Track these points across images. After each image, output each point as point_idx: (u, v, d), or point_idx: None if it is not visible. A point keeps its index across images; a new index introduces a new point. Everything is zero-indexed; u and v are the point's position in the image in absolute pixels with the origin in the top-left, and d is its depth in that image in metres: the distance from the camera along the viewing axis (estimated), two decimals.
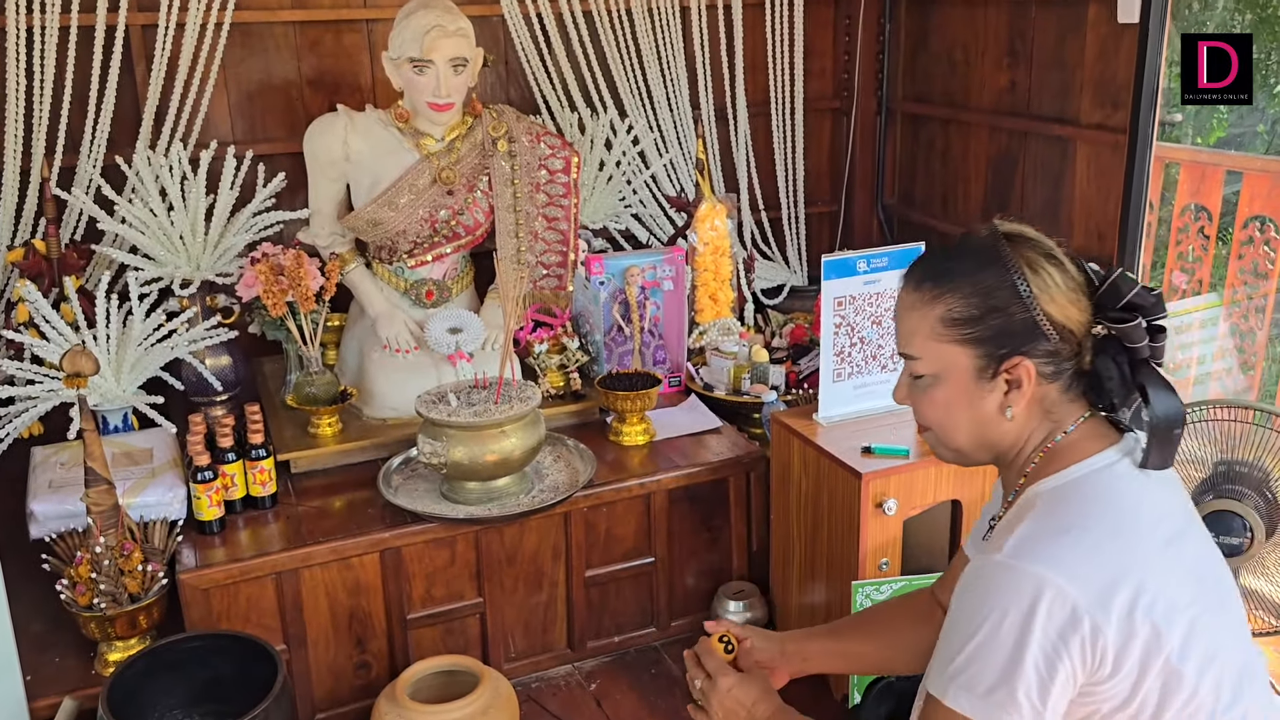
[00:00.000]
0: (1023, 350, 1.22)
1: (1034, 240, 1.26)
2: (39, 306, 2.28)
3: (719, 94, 3.26)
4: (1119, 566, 1.12)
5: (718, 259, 2.90)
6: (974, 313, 1.23)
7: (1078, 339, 1.24)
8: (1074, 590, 1.11)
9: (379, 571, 2.10)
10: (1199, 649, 1.15)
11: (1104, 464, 1.22)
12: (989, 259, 1.23)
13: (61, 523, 2.05)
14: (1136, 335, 1.20)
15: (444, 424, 2.09)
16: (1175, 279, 3.66)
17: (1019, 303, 1.21)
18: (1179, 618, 1.14)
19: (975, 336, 1.23)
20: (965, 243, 1.28)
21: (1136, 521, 1.17)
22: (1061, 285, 1.22)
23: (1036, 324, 1.21)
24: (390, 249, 2.50)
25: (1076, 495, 1.20)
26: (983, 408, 1.26)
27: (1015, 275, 1.21)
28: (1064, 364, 1.24)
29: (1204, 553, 1.24)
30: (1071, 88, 2.88)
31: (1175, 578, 1.15)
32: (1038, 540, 1.15)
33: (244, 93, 2.82)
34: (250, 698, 1.70)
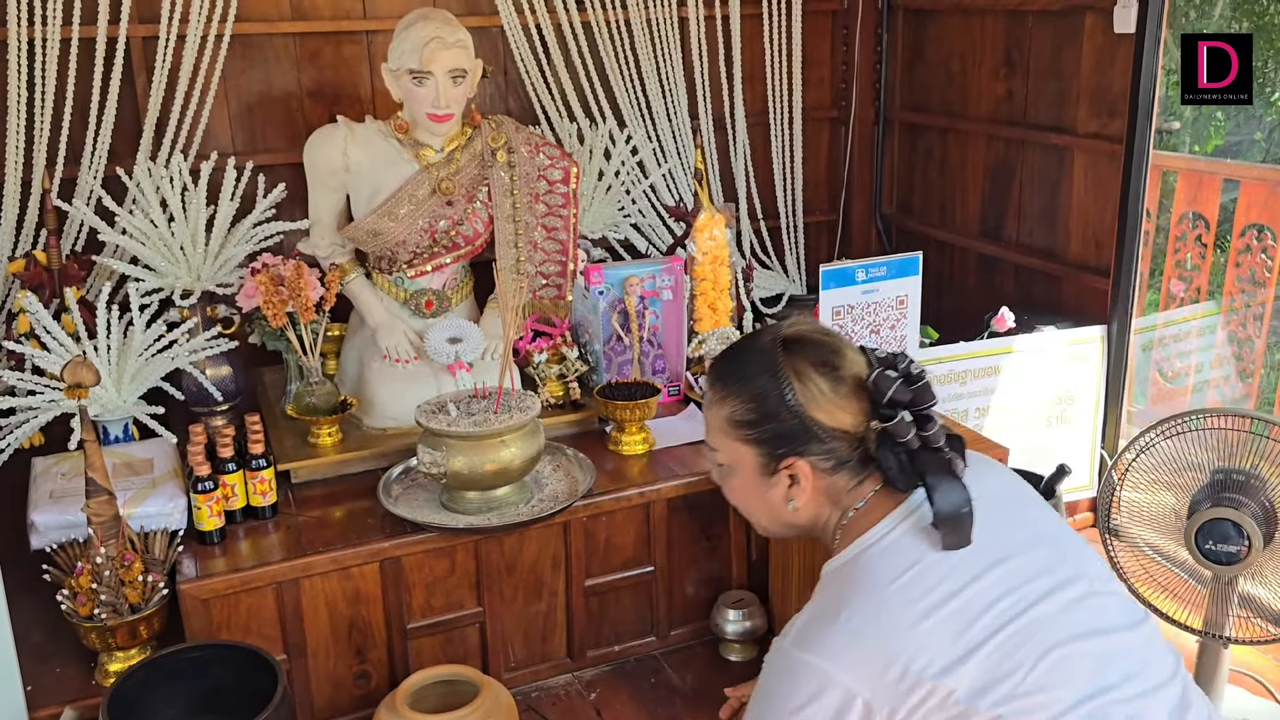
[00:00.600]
0: (797, 451, 1.33)
1: (815, 344, 1.34)
2: (40, 317, 2.29)
3: (717, 104, 3.28)
4: (884, 644, 1.20)
5: (716, 268, 2.90)
6: (751, 417, 1.34)
7: (856, 435, 1.33)
8: (836, 673, 1.19)
9: (379, 581, 2.10)
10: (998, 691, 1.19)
11: (878, 536, 1.29)
12: (764, 367, 1.33)
13: (62, 533, 2.06)
14: (901, 431, 1.28)
15: (444, 434, 2.09)
16: (1173, 287, 3.67)
17: (788, 410, 1.31)
18: (961, 667, 1.19)
19: (754, 438, 1.35)
20: (748, 346, 1.39)
21: (903, 593, 1.23)
22: (829, 393, 1.31)
23: (807, 428, 1.31)
24: (390, 259, 2.51)
25: (848, 577, 1.27)
26: (770, 498, 1.37)
27: (784, 385, 1.31)
28: (845, 457, 1.33)
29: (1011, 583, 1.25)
30: (1068, 97, 2.90)
31: (944, 635, 1.20)
32: (811, 628, 1.24)
33: (244, 104, 2.84)
34: (251, 708, 1.70)
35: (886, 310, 2.26)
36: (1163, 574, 2.29)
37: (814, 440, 1.32)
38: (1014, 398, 2.77)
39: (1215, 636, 2.18)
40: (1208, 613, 2.18)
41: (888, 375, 1.29)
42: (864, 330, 2.24)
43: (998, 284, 3.22)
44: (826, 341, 1.36)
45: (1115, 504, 2.31)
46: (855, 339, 2.24)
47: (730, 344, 1.45)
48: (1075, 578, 1.30)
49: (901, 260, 2.27)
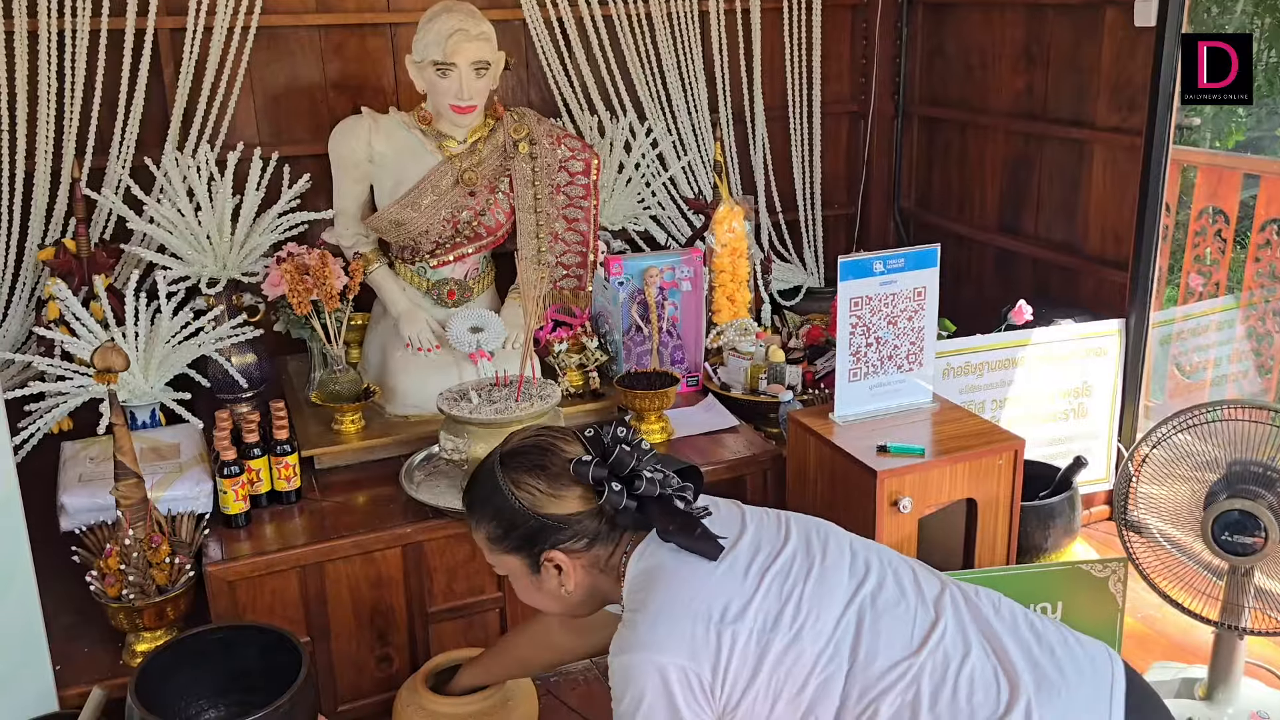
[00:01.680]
0: (549, 545, 1.45)
1: (526, 452, 1.49)
2: (69, 304, 2.32)
3: (737, 97, 3.29)
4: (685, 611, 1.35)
5: (735, 260, 2.92)
6: (499, 532, 1.47)
7: (592, 512, 1.45)
8: (658, 656, 1.32)
9: (401, 566, 2.13)
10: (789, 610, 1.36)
11: (642, 552, 1.44)
12: (491, 487, 1.47)
13: (91, 516, 2.10)
14: (614, 501, 1.42)
15: (465, 421, 2.12)
16: (1192, 282, 3.66)
17: (521, 515, 1.45)
18: (751, 605, 1.36)
19: (511, 547, 1.48)
20: (478, 474, 1.53)
21: (686, 570, 1.39)
22: (546, 489, 1.45)
23: (545, 525, 1.45)
24: (413, 249, 2.54)
25: (639, 588, 1.41)
26: (548, 589, 1.50)
27: (510, 497, 1.45)
28: (593, 532, 1.46)
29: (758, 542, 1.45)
30: (1088, 91, 2.90)
31: (729, 585, 1.38)
32: (622, 634, 1.38)
33: (269, 95, 2.87)
34: (275, 688, 1.73)
35: (904, 302, 2.26)
36: (1179, 566, 2.29)
37: (556, 531, 1.45)
38: (1031, 390, 2.78)
39: (1231, 628, 2.18)
40: (1224, 604, 2.19)
41: (583, 462, 1.44)
42: (882, 322, 2.24)
43: (1015, 277, 3.22)
44: (538, 444, 1.49)
45: (1132, 497, 2.32)
46: (872, 331, 2.25)
47: (470, 475, 1.59)
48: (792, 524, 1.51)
49: (920, 252, 2.28)
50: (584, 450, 1.49)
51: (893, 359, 2.30)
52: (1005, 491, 2.22)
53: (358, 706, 2.16)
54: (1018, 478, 2.22)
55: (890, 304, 2.26)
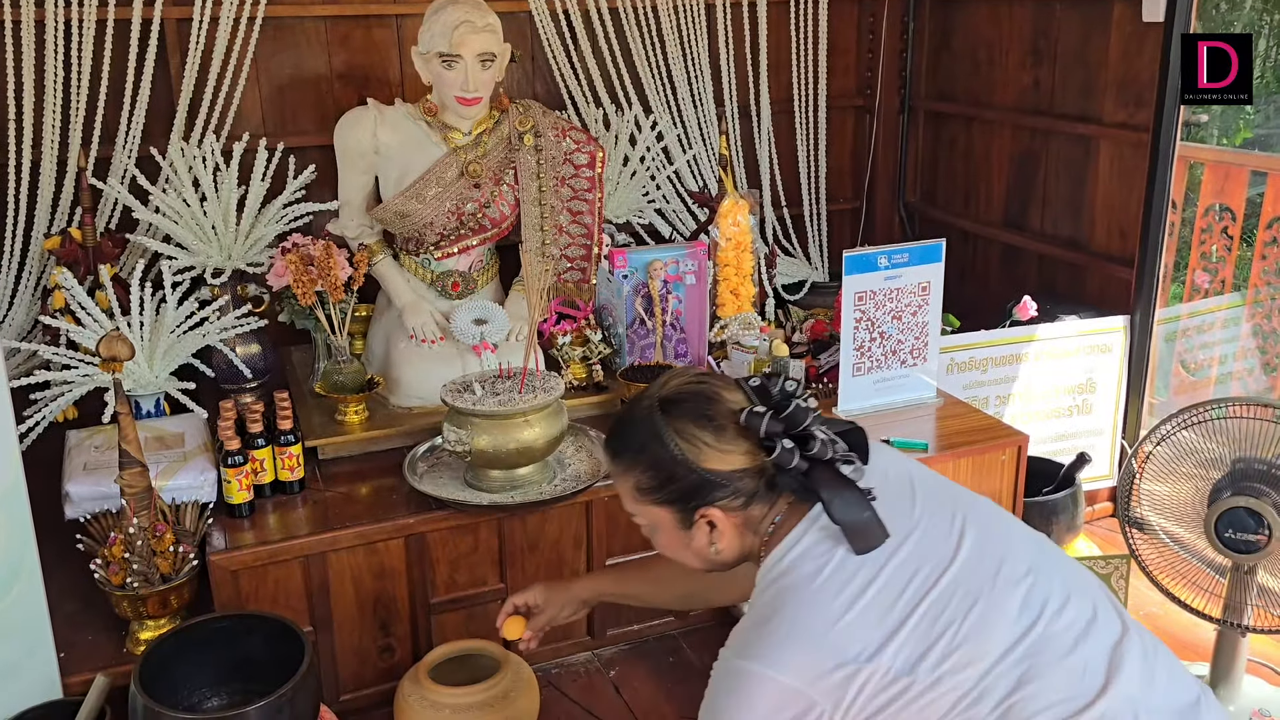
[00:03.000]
0: (706, 502, 1.37)
1: (689, 399, 1.39)
2: (75, 293, 2.33)
3: (742, 91, 3.29)
4: (815, 643, 1.26)
5: (740, 254, 2.92)
6: (654, 483, 1.39)
7: (754, 469, 1.37)
8: (779, 677, 1.24)
9: (403, 556, 2.14)
10: (933, 655, 1.25)
11: (793, 544, 1.34)
12: (649, 435, 1.38)
13: (96, 504, 2.10)
14: (785, 459, 1.33)
15: (469, 412, 2.12)
16: (1198, 279, 3.66)
17: (683, 468, 1.36)
18: (890, 644, 1.25)
19: (663, 500, 1.40)
20: (631, 417, 1.43)
21: (823, 591, 1.29)
22: (714, 443, 1.36)
23: (706, 481, 1.36)
24: (417, 241, 2.54)
25: (775, 585, 1.33)
26: (696, 547, 1.42)
27: (673, 447, 1.36)
28: (752, 491, 1.37)
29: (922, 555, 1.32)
30: (1095, 86, 2.89)
31: (871, 619, 1.27)
32: (749, 636, 1.30)
33: (275, 86, 2.87)
34: (278, 677, 1.73)
35: (908, 297, 2.27)
36: (1182, 564, 2.29)
37: (717, 488, 1.37)
38: (1035, 386, 2.78)
39: (1234, 625, 2.18)
40: (1226, 602, 2.19)
41: (756, 413, 1.34)
42: (886, 316, 2.25)
43: (1021, 273, 3.22)
44: (701, 391, 1.40)
45: (1135, 494, 2.32)
46: (877, 325, 2.26)
47: (615, 418, 1.51)
48: (967, 528, 1.36)
49: (924, 247, 2.28)
50: (745, 399, 1.39)
51: (897, 354, 2.30)
52: (1008, 487, 2.22)
53: (360, 696, 2.16)
54: (1021, 473, 2.23)
55: (895, 299, 2.27)
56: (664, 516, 1.42)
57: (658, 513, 1.42)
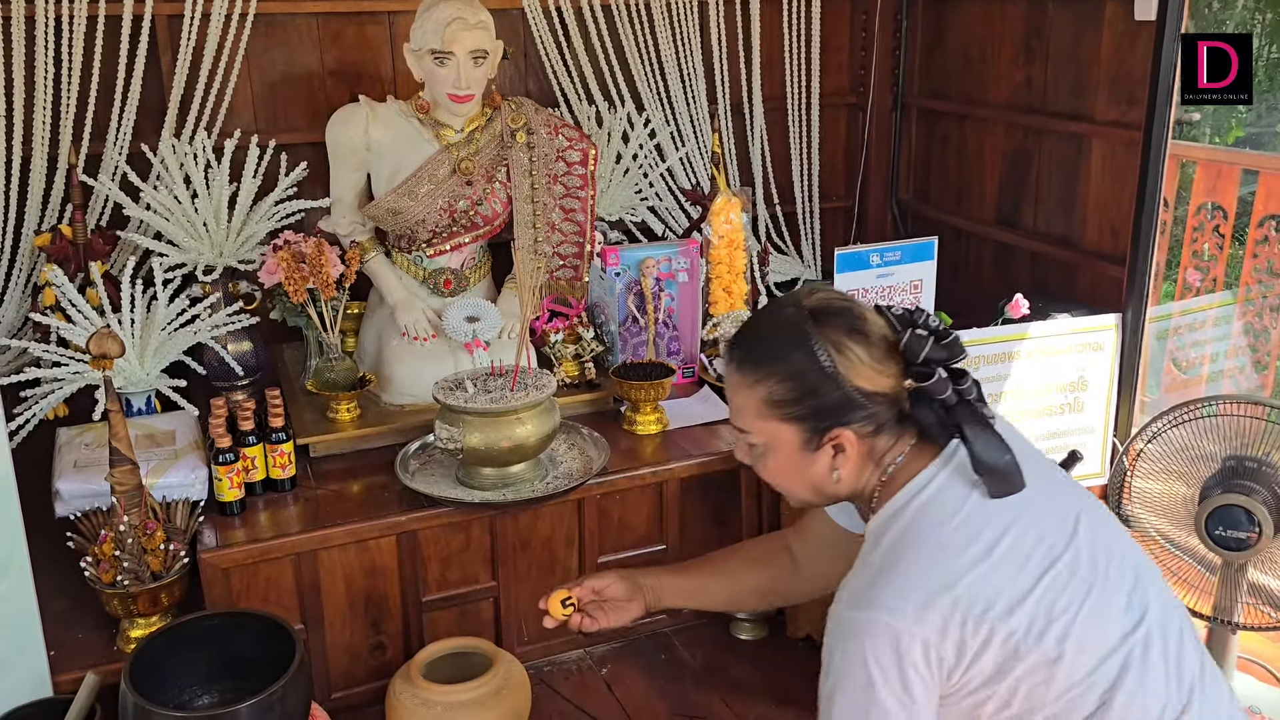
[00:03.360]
0: (842, 422, 1.31)
1: (840, 312, 1.32)
2: (65, 290, 2.32)
3: (735, 89, 3.29)
4: (932, 586, 1.21)
5: (732, 252, 2.92)
6: (791, 395, 1.31)
7: (894, 396, 1.31)
8: (900, 622, 1.20)
9: (395, 554, 2.14)
10: (1058, 628, 1.22)
11: (915, 490, 1.29)
12: (797, 342, 1.30)
13: (86, 502, 2.10)
14: (939, 389, 1.28)
15: (461, 410, 2.12)
16: (1189, 277, 3.67)
17: (830, 383, 1.28)
18: (1021, 610, 1.21)
19: (795, 416, 1.31)
20: (774, 323, 1.35)
21: (943, 542, 1.24)
22: (867, 359, 1.29)
23: (850, 398, 1.29)
24: (409, 238, 2.54)
25: (899, 528, 1.28)
26: (813, 472, 1.35)
27: (823, 358, 1.28)
28: (884, 419, 1.32)
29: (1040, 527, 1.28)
30: (1087, 84, 2.89)
31: (1003, 578, 1.22)
32: (865, 586, 1.24)
33: (267, 83, 2.86)
34: (269, 675, 1.73)
35: (900, 294, 2.27)
36: (1173, 561, 2.30)
37: (857, 409, 1.30)
38: (1027, 384, 2.78)
39: (1224, 622, 2.19)
40: (1217, 599, 2.20)
41: (919, 335, 1.28)
42: None
43: (1013, 271, 3.22)
44: (850, 307, 1.33)
45: (1126, 491, 2.32)
46: None
47: (748, 323, 1.41)
48: (1082, 514, 1.33)
49: (916, 245, 2.28)
50: (888, 324, 1.33)
51: None
52: None
53: (351, 694, 2.16)
54: None
55: (887, 296, 2.27)
56: (788, 436, 1.33)
57: (782, 430, 1.33)
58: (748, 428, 1.38)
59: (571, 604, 1.74)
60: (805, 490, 1.40)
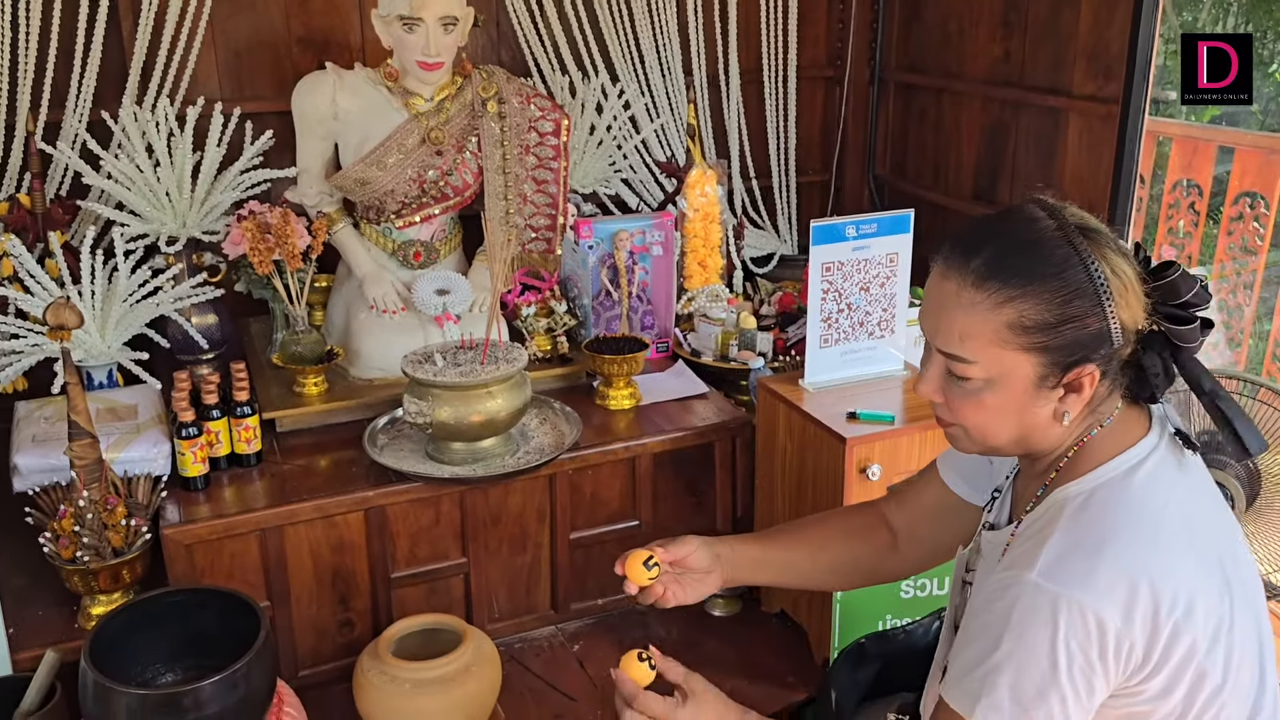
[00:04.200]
0: (1091, 358, 1.14)
1: (1102, 230, 1.17)
2: (23, 261, 2.26)
3: (711, 60, 3.24)
4: (1142, 576, 1.09)
5: (707, 225, 2.89)
6: (1049, 319, 1.13)
7: (1136, 338, 1.17)
8: (1104, 608, 1.08)
9: (363, 530, 2.10)
10: (1224, 647, 1.13)
11: (1134, 461, 1.17)
12: (1069, 259, 1.13)
13: (45, 476, 2.05)
14: (1191, 336, 1.15)
15: (430, 384, 2.08)
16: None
17: (1098, 310, 1.12)
18: (1205, 619, 1.12)
19: (1045, 344, 1.14)
20: (1033, 233, 1.15)
21: (1159, 527, 1.13)
22: (1137, 288, 1.14)
23: (1109, 331, 1.13)
24: (378, 209, 2.49)
25: (1105, 503, 1.15)
26: (1036, 414, 1.18)
27: (1099, 280, 1.12)
28: (1116, 365, 1.17)
29: (1233, 551, 1.19)
30: (1065, 59, 2.87)
31: (1199, 579, 1.12)
32: (1068, 560, 1.11)
33: (232, 50, 2.79)
34: (233, 652, 1.70)
35: (877, 268, 2.24)
36: None
37: (1107, 344, 1.13)
38: None
39: None
40: None
41: (1189, 274, 1.13)
42: (854, 287, 2.22)
43: None
44: (1105, 230, 1.17)
45: None
46: (844, 297, 2.24)
47: (987, 230, 1.18)
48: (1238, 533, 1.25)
49: (893, 217, 2.26)
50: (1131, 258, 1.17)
51: (864, 325, 2.28)
52: None
53: (319, 671, 2.13)
54: None
55: (863, 270, 2.24)
56: (1025, 367, 1.15)
57: (1019, 361, 1.14)
58: (972, 356, 1.16)
59: (656, 565, 1.45)
60: (1011, 434, 1.21)
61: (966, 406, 1.20)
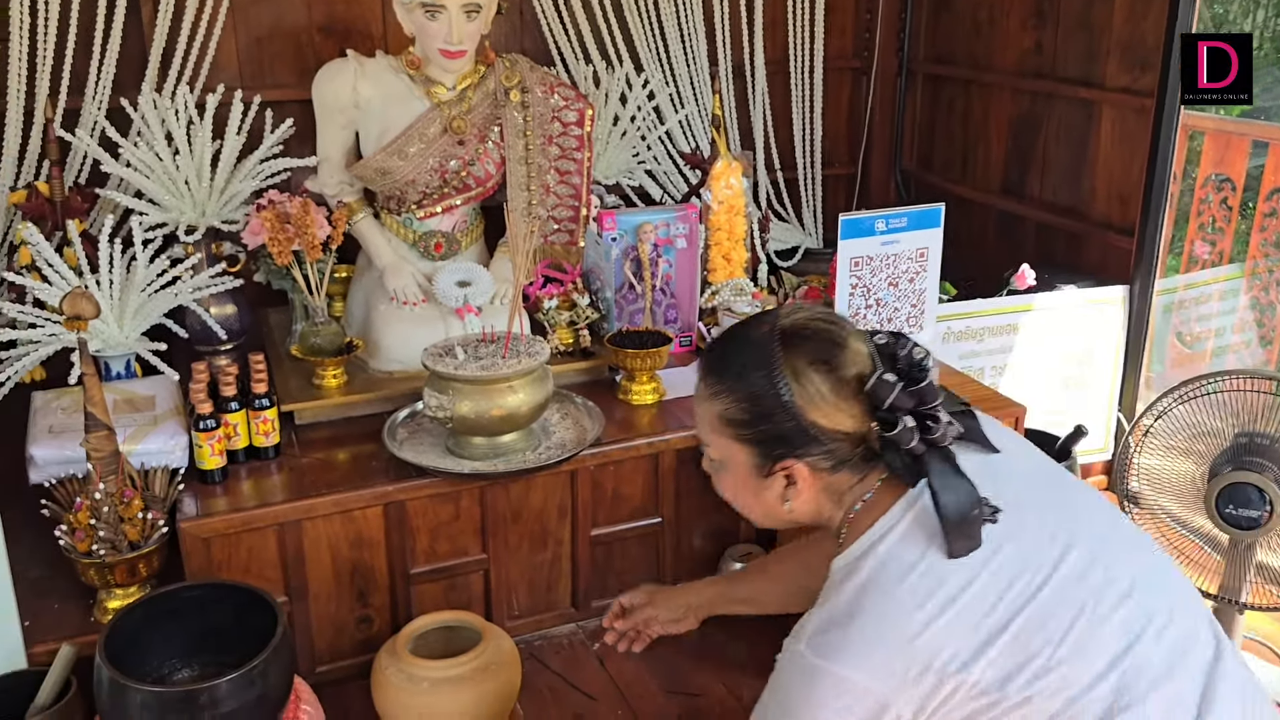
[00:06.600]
0: (795, 454, 1.24)
1: (815, 336, 1.24)
2: (41, 249, 2.24)
3: (737, 50, 3.20)
4: (902, 647, 1.15)
5: (732, 218, 2.84)
6: (744, 417, 1.24)
7: (857, 435, 1.24)
8: (855, 678, 1.15)
9: (382, 525, 2.07)
10: (1028, 671, 1.16)
11: (883, 532, 1.22)
12: (759, 363, 1.23)
13: (61, 468, 2.03)
14: (905, 438, 1.20)
15: (450, 377, 2.05)
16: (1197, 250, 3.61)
17: (784, 412, 1.21)
18: (983, 657, 1.15)
19: (748, 438, 1.26)
20: (743, 336, 1.27)
21: (915, 592, 1.17)
22: (829, 395, 1.22)
23: (804, 431, 1.22)
24: (399, 199, 2.46)
25: (858, 577, 1.20)
26: (766, 498, 1.29)
27: (780, 385, 1.21)
28: (846, 457, 1.24)
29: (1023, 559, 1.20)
30: (1098, 50, 2.82)
31: (965, 626, 1.16)
32: (826, 633, 1.18)
33: (253, 37, 2.77)
34: (250, 648, 1.67)
35: (906, 262, 2.20)
36: (1178, 539, 2.25)
37: (812, 443, 1.23)
38: (1031, 357, 2.72)
39: (1231, 602, 2.15)
40: (1224, 578, 2.15)
41: (886, 381, 1.19)
42: (882, 283, 2.18)
43: (1018, 241, 3.16)
44: (828, 333, 1.25)
45: (1133, 469, 2.27)
46: (873, 292, 2.19)
47: (723, 332, 1.35)
48: (1075, 536, 1.24)
49: (923, 211, 2.21)
50: (869, 355, 1.24)
51: (892, 321, 2.24)
52: None
53: (336, 668, 2.10)
54: None
55: (891, 264, 2.20)
56: (741, 456, 1.27)
57: (735, 450, 1.27)
58: (705, 440, 1.33)
59: None
60: (759, 513, 1.34)
61: (719, 484, 1.36)
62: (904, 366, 1.23)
